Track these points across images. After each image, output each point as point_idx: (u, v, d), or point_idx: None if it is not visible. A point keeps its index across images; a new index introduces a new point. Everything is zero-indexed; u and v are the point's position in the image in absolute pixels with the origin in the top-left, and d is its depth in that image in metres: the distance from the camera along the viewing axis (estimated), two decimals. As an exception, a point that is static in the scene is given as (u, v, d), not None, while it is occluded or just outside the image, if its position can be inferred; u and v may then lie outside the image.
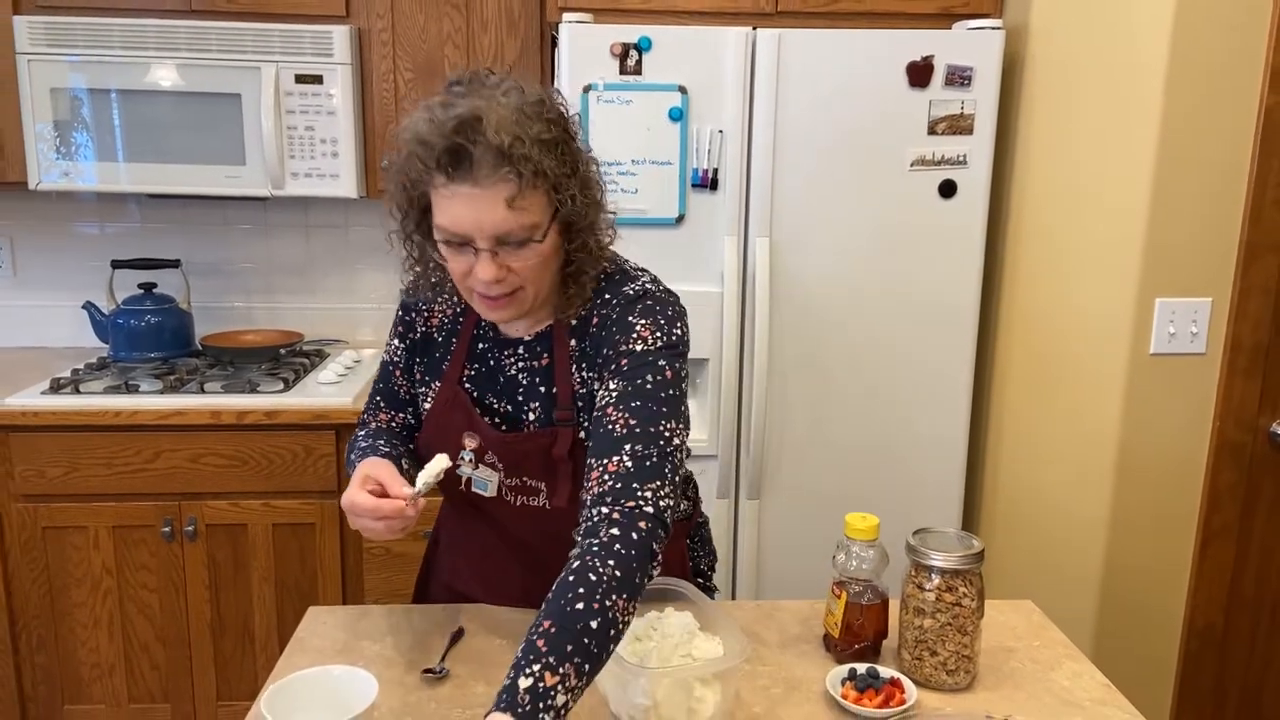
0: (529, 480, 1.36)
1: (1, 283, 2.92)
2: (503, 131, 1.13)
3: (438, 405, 1.40)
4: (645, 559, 1.10)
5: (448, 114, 1.15)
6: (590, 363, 1.32)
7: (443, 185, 1.17)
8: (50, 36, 2.42)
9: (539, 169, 1.15)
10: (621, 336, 1.27)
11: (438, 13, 2.54)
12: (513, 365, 1.37)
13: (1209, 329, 2.27)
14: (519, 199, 1.16)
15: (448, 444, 1.37)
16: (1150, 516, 2.37)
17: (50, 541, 2.39)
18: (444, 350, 1.41)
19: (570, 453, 1.32)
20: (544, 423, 1.35)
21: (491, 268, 1.19)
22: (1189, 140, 2.18)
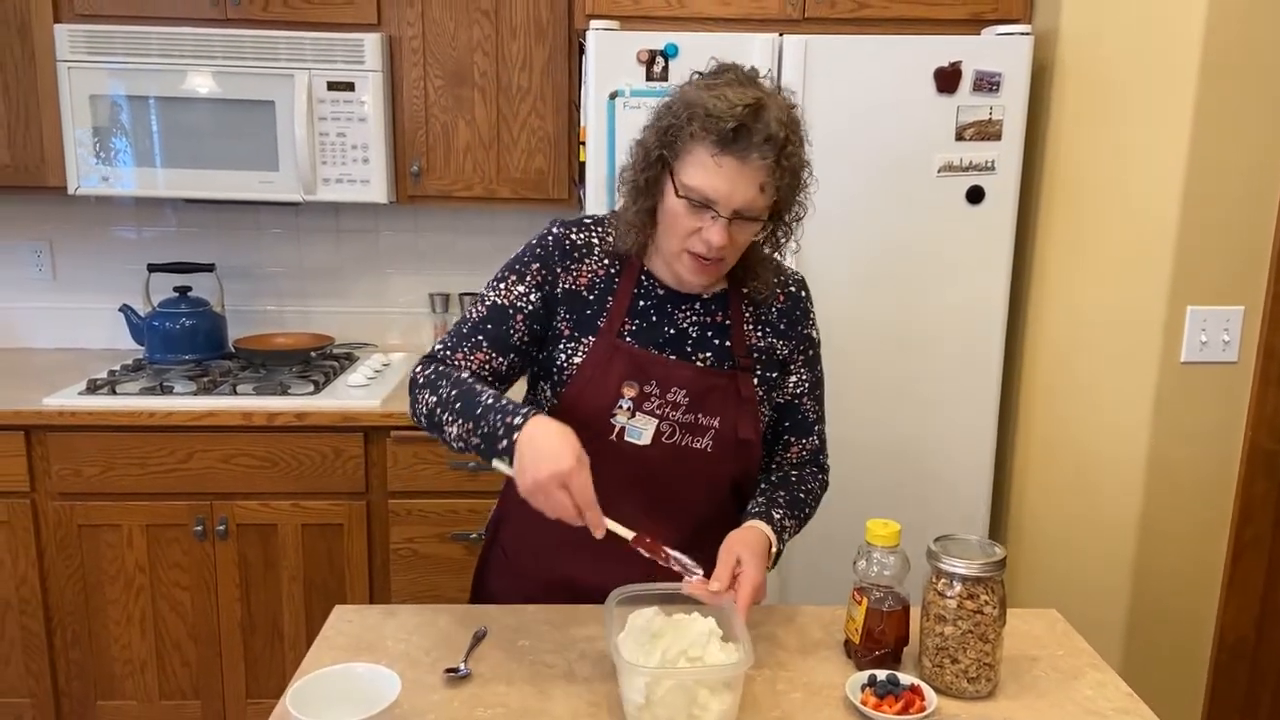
0: (703, 418, 1.46)
1: (41, 285, 2.98)
2: (779, 125, 1.31)
3: (593, 357, 1.45)
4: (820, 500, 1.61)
5: (738, 97, 1.31)
6: (773, 329, 1.53)
7: (712, 153, 1.32)
8: (90, 44, 2.47)
9: (794, 164, 1.35)
10: (804, 318, 1.56)
11: (467, 20, 2.57)
12: (685, 319, 1.48)
13: (1241, 337, 2.24)
14: (769, 184, 1.34)
15: (604, 394, 1.44)
16: (1181, 526, 2.34)
17: (85, 539, 2.44)
18: (597, 307, 1.47)
19: (753, 396, 1.49)
20: (719, 366, 1.48)
21: (723, 235, 1.34)
22: (1220, 146, 2.16)
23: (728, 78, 1.37)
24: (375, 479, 2.47)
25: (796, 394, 1.57)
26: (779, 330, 1.54)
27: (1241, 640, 2.38)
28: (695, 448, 1.46)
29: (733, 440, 1.47)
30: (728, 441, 1.47)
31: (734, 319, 1.50)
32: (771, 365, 1.53)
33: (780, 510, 1.48)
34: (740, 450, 1.49)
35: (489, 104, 2.62)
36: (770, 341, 1.52)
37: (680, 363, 1.46)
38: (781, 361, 1.54)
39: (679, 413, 1.45)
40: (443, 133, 2.63)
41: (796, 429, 1.58)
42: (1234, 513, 2.33)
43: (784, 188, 1.36)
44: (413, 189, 2.66)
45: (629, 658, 1.22)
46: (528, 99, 2.62)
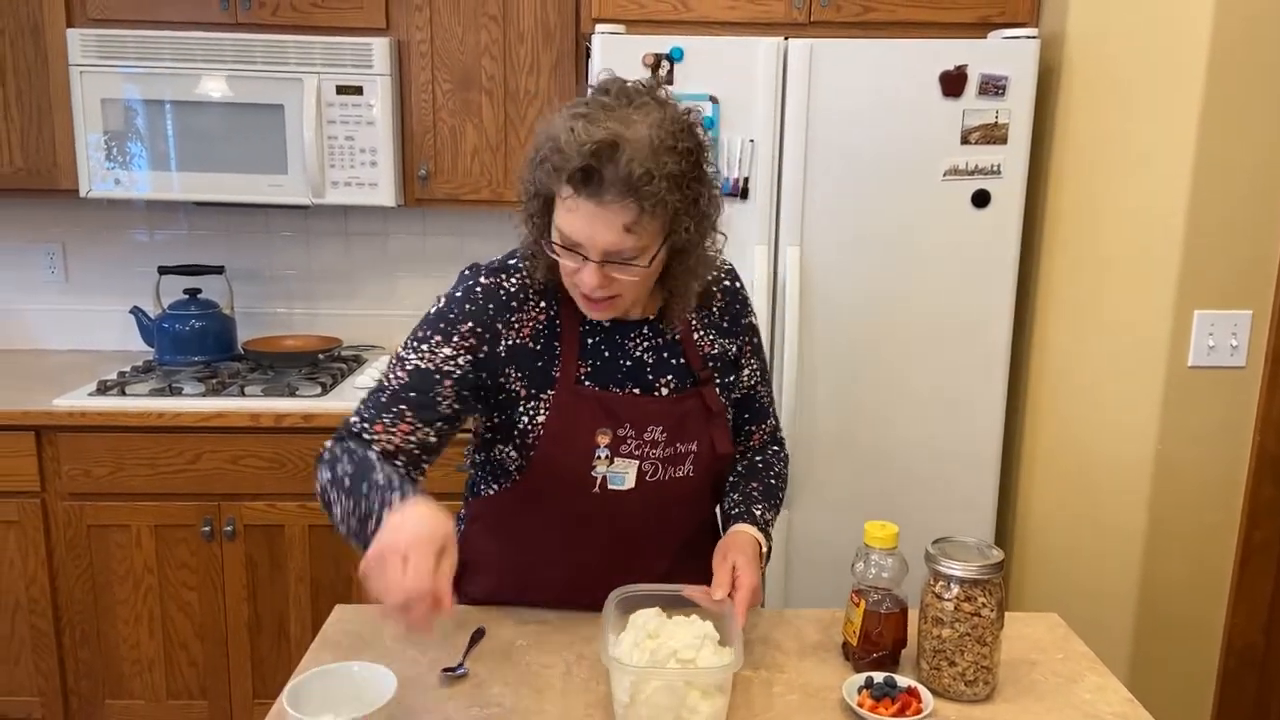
0: (682, 446, 1.42)
1: (53, 287, 3.01)
2: (635, 163, 1.17)
3: (558, 412, 1.37)
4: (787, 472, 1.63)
5: (589, 133, 1.18)
6: (719, 330, 1.49)
7: (569, 196, 1.22)
8: (102, 49, 2.50)
9: (661, 201, 1.20)
10: (744, 308, 1.52)
11: (475, 24, 2.58)
12: (637, 346, 1.42)
13: (1249, 341, 2.23)
14: (636, 225, 1.21)
15: (578, 447, 1.37)
16: (1188, 531, 2.33)
17: (94, 539, 2.46)
18: (547, 357, 1.38)
19: (720, 407, 1.46)
20: (682, 388, 1.44)
21: (596, 277, 1.26)
22: (1227, 149, 2.15)
23: (597, 102, 1.23)
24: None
25: (750, 385, 1.55)
26: (724, 329, 1.49)
27: (1250, 647, 2.37)
28: (679, 477, 1.43)
29: (712, 457, 1.45)
30: (706, 460, 1.45)
31: (683, 333, 1.44)
32: (727, 369, 1.49)
33: (759, 506, 1.50)
34: (720, 462, 1.48)
35: (497, 107, 2.63)
36: (721, 344, 1.49)
37: (647, 397, 1.41)
38: (734, 361, 1.51)
39: (658, 450, 1.40)
40: (450, 136, 2.64)
41: (755, 417, 1.59)
42: (1242, 517, 2.31)
43: (669, 222, 1.25)
44: (420, 192, 2.67)
45: (618, 656, 1.22)
46: (535, 103, 2.63)
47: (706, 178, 1.29)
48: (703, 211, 1.29)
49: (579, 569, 1.47)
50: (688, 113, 1.28)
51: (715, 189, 1.32)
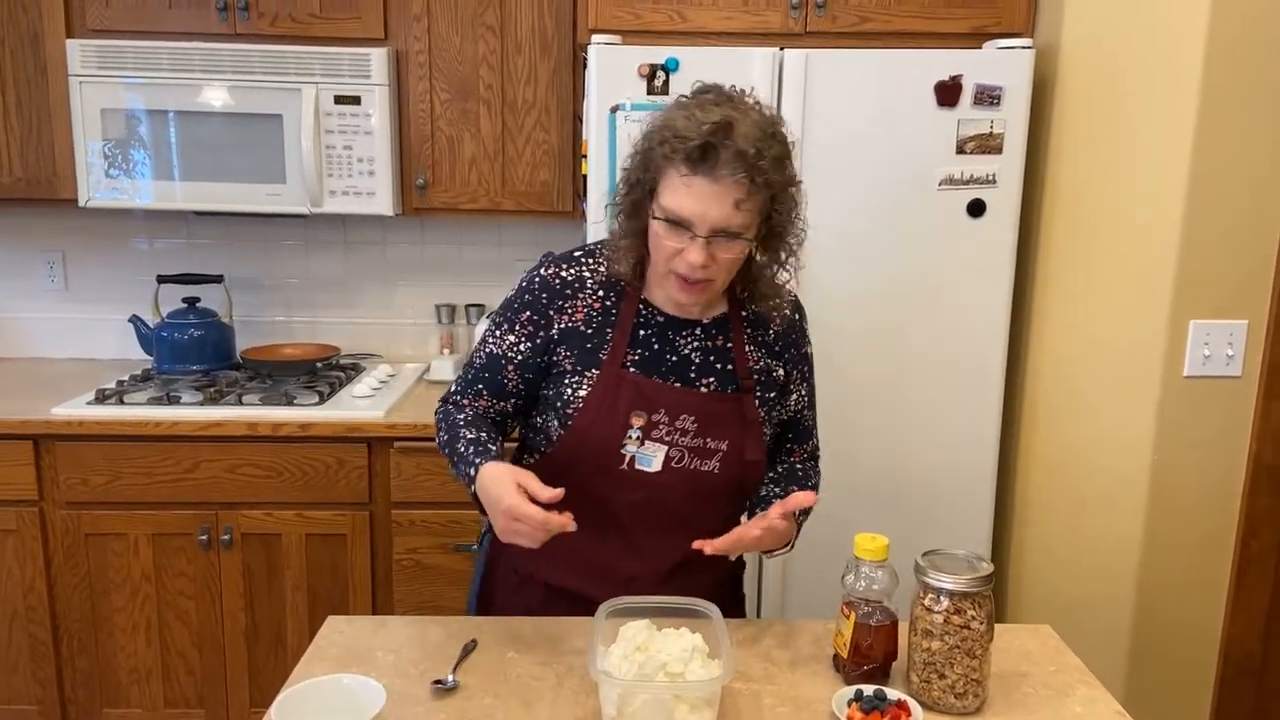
0: (711, 442, 1.48)
1: (53, 296, 3.02)
2: (749, 141, 1.31)
3: (599, 390, 1.47)
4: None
5: (705, 116, 1.32)
6: (770, 350, 1.55)
7: (684, 174, 1.34)
8: (101, 59, 2.51)
9: (768, 180, 1.34)
10: (800, 339, 1.60)
11: (473, 35, 2.59)
12: (686, 345, 1.51)
13: (1245, 351, 2.23)
14: (745, 201, 1.34)
15: (613, 424, 1.47)
16: (1185, 541, 2.32)
17: (92, 548, 2.47)
18: (597, 340, 1.49)
19: (757, 418, 1.52)
20: (722, 391, 1.51)
21: (702, 254, 1.36)
22: (1223, 159, 2.15)
23: (704, 98, 1.38)
24: (378, 489, 2.49)
25: (798, 410, 1.64)
26: (774, 352, 1.57)
27: (1248, 656, 2.36)
28: (704, 470, 1.50)
29: (739, 461, 1.51)
30: (735, 462, 1.51)
31: (735, 342, 1.52)
32: (770, 386, 1.56)
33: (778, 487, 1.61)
34: (747, 469, 1.54)
35: (494, 117, 2.64)
36: (767, 363, 1.56)
37: (686, 389, 1.49)
38: (778, 382, 1.58)
39: (687, 439, 1.48)
40: (448, 146, 2.65)
41: (799, 438, 1.68)
42: (1238, 527, 2.31)
43: (769, 203, 1.38)
44: (418, 201, 2.68)
45: (606, 669, 1.22)
46: (532, 112, 2.64)
47: (797, 180, 1.42)
48: (794, 199, 1.41)
49: (599, 548, 1.51)
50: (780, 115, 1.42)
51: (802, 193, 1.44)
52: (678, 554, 1.49)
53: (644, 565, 1.52)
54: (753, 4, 2.43)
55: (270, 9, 2.56)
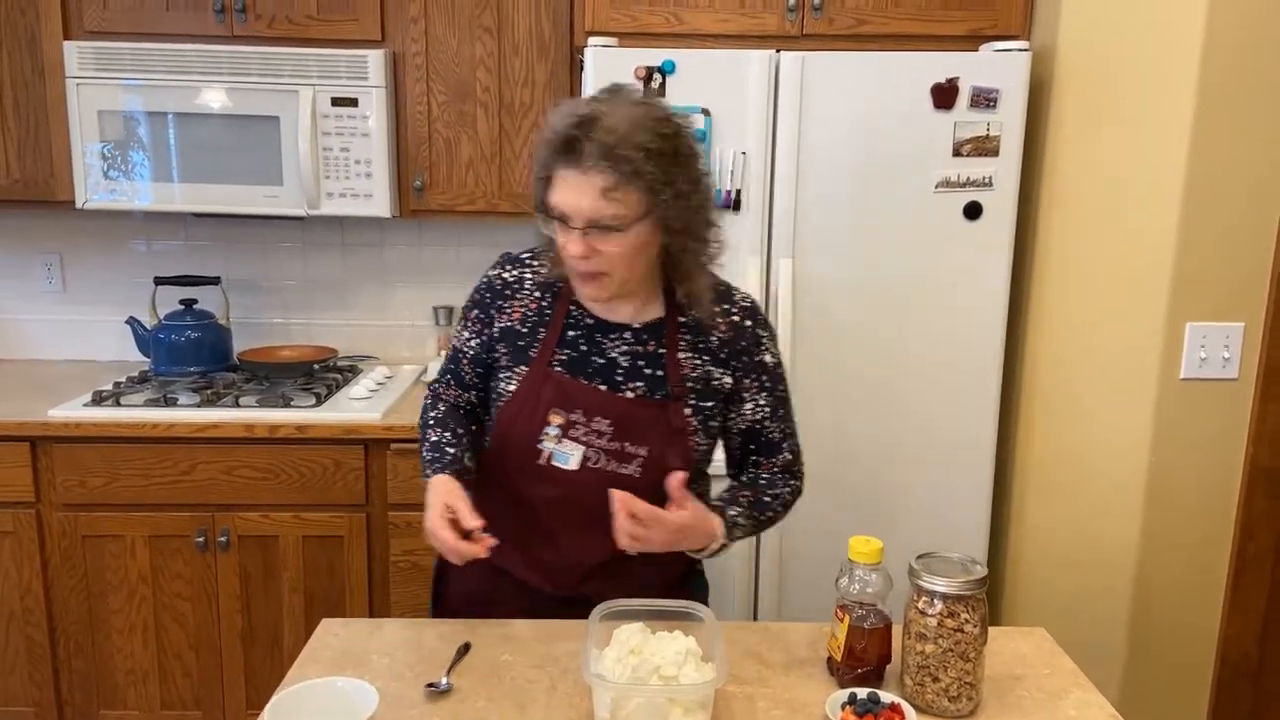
0: (630, 447, 1.48)
1: (51, 297, 3.02)
2: (612, 133, 1.33)
3: (523, 387, 1.51)
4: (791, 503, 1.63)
5: (574, 110, 1.37)
6: (714, 357, 1.52)
7: (557, 168, 1.38)
8: (98, 61, 2.51)
9: (638, 170, 1.33)
10: (753, 346, 1.53)
11: (470, 37, 2.59)
12: (614, 349, 1.51)
13: (1241, 354, 2.23)
14: (613, 192, 1.34)
15: (533, 420, 1.50)
16: (1182, 543, 2.33)
17: (89, 550, 2.47)
18: (530, 339, 1.53)
19: (684, 426, 1.49)
20: (649, 397, 1.50)
21: (579, 245, 1.38)
22: (1219, 161, 2.16)
23: (590, 96, 1.44)
24: (375, 491, 2.49)
25: (756, 419, 1.58)
26: (719, 359, 1.53)
27: (1245, 658, 2.37)
28: (623, 473, 1.48)
29: (661, 468, 1.46)
30: (656, 468, 1.47)
31: (669, 347, 1.51)
32: (708, 395, 1.52)
33: (736, 508, 1.52)
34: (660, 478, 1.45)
35: (491, 119, 2.64)
36: (708, 370, 1.52)
37: (609, 393, 1.49)
38: (721, 390, 1.53)
39: (603, 440, 1.48)
40: (445, 148, 2.65)
41: (763, 450, 1.61)
42: (1235, 529, 2.31)
43: (652, 196, 1.36)
44: (415, 203, 2.68)
45: (600, 673, 1.22)
46: (530, 114, 2.64)
47: (693, 171, 1.41)
48: (683, 194, 1.38)
49: (527, 541, 1.54)
50: (677, 113, 1.41)
51: (704, 186, 1.43)
52: (601, 552, 1.47)
53: (565, 560, 1.54)
54: (749, 6, 2.44)
55: (267, 11, 2.56)
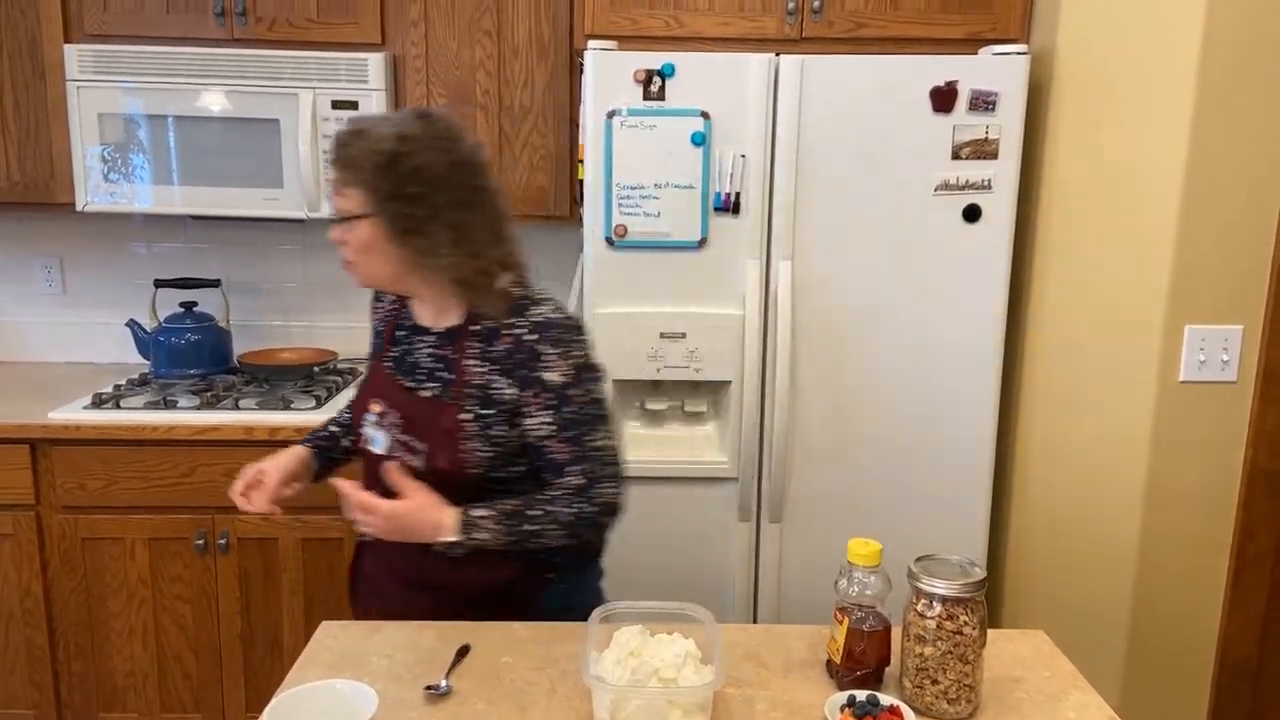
0: (415, 442, 1.59)
1: (51, 300, 3.03)
2: (360, 141, 1.49)
3: (365, 377, 1.75)
4: (583, 527, 1.56)
5: (360, 124, 1.53)
6: (498, 367, 1.57)
7: None
8: (99, 64, 2.51)
9: (360, 179, 1.49)
10: (532, 361, 1.54)
11: (470, 40, 2.60)
12: (421, 351, 1.65)
13: (1240, 357, 2.24)
14: (342, 190, 1.52)
15: (361, 407, 1.69)
16: (1181, 545, 2.33)
17: (89, 552, 2.47)
18: (379, 337, 1.73)
19: (452, 429, 1.56)
20: (437, 398, 1.60)
21: (334, 232, 1.56)
22: (1218, 164, 2.16)
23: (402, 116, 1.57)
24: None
25: (539, 436, 1.56)
26: (503, 369, 1.56)
27: (1245, 659, 2.37)
28: (412, 465, 1.59)
29: (432, 465, 1.56)
30: (432, 465, 1.57)
31: (459, 353, 1.59)
32: (489, 403, 1.56)
33: (487, 511, 1.52)
34: (442, 474, 1.55)
35: (491, 122, 2.65)
36: (490, 379, 1.56)
37: (406, 390, 1.63)
38: (500, 401, 1.56)
39: (397, 432, 1.61)
40: (445, 150, 2.65)
41: (549, 469, 1.58)
42: (1235, 530, 2.31)
43: (378, 200, 1.49)
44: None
45: (599, 675, 1.23)
46: (530, 117, 2.65)
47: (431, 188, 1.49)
48: (414, 204, 1.49)
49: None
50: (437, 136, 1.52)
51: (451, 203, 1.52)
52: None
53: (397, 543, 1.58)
54: (749, 10, 2.44)
55: (267, 14, 2.56)
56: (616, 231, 2.27)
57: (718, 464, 2.36)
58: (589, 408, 1.56)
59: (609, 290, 2.30)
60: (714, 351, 2.32)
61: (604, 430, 1.58)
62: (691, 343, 2.31)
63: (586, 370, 1.57)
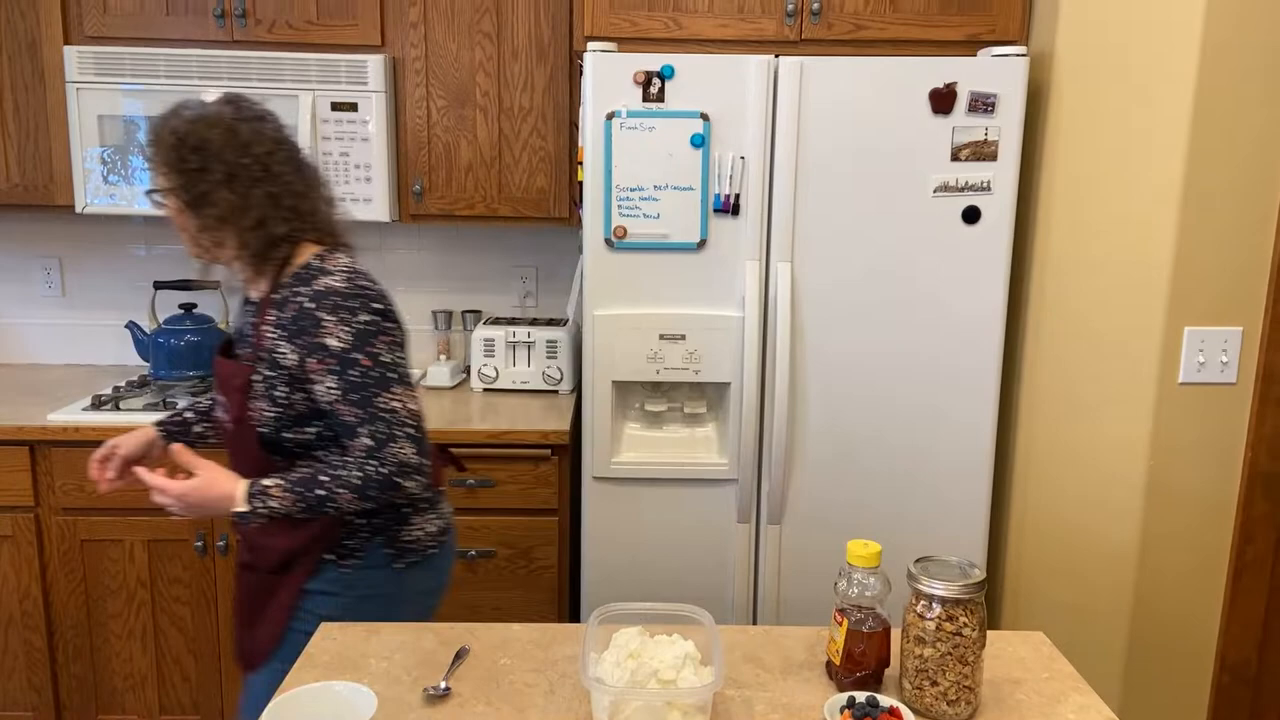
0: (222, 399, 1.71)
1: (50, 302, 3.03)
2: (158, 125, 1.62)
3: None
4: (375, 489, 1.58)
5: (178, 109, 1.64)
6: (285, 334, 1.62)
7: None
8: (98, 66, 2.51)
9: (155, 152, 1.61)
10: (313, 328, 1.59)
11: (470, 42, 2.60)
12: (246, 320, 1.75)
13: (1240, 358, 2.23)
14: (152, 169, 1.64)
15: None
16: (1181, 547, 2.33)
17: (88, 554, 2.47)
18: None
19: (242, 387, 1.64)
20: (247, 360, 1.68)
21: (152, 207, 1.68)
22: (1217, 167, 2.16)
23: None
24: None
25: (329, 401, 1.61)
26: (288, 335, 1.63)
27: (1243, 663, 2.36)
28: (226, 426, 1.70)
29: (230, 424, 1.68)
30: (228, 419, 1.68)
31: (260, 320, 1.67)
32: (274, 366, 1.63)
33: (277, 480, 1.59)
34: (230, 426, 1.67)
35: (491, 124, 2.65)
36: (277, 344, 1.63)
37: (230, 357, 1.74)
38: (287, 366, 1.62)
39: (218, 394, 1.73)
40: (445, 152, 2.66)
41: (343, 433, 1.62)
42: (1234, 533, 2.31)
43: (175, 179, 1.60)
44: (415, 208, 2.69)
45: (598, 676, 1.22)
46: (529, 119, 2.65)
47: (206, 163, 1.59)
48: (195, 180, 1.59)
49: None
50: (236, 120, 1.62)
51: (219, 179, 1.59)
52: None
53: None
54: (748, 12, 2.44)
55: (267, 16, 2.57)
56: (616, 233, 2.27)
57: (717, 465, 2.36)
58: (374, 369, 1.59)
59: (608, 292, 2.31)
60: (713, 353, 2.32)
61: (395, 392, 1.60)
62: (691, 344, 2.32)
63: (372, 335, 1.59)
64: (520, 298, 3.07)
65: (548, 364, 2.78)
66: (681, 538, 2.39)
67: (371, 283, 1.64)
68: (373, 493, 1.58)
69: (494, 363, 2.78)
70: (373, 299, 1.62)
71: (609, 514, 2.38)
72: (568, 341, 2.78)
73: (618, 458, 2.37)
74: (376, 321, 1.60)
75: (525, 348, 2.78)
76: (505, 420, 2.53)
